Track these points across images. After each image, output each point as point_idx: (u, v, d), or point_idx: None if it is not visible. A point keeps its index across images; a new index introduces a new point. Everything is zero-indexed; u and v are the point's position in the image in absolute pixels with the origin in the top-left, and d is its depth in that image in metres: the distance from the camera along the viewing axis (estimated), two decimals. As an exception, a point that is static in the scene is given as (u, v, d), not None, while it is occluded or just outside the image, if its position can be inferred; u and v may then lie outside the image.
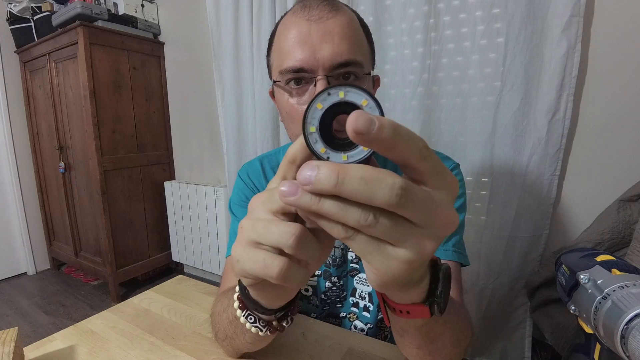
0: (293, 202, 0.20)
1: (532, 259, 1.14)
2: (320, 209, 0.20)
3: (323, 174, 0.19)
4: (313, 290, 0.68)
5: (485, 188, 1.17)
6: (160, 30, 2.12)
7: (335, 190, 0.19)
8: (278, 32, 0.52)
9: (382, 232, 0.20)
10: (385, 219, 0.19)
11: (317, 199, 0.20)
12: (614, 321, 0.29)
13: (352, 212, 0.19)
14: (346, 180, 0.18)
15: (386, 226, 0.19)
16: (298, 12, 0.48)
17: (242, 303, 0.36)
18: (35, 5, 2.00)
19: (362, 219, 0.19)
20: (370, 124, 0.17)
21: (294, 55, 0.47)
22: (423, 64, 1.19)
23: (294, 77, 0.48)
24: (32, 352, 0.51)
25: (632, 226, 0.87)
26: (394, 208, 0.19)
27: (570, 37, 0.96)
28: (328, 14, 0.47)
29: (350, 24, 0.48)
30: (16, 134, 2.26)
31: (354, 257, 0.65)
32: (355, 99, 0.20)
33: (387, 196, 0.18)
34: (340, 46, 0.46)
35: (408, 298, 0.27)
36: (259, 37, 1.55)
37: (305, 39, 0.46)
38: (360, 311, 0.67)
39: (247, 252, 0.25)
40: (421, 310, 0.28)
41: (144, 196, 2.11)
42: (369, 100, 0.20)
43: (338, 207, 0.19)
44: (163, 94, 2.18)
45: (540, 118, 1.04)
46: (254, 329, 0.36)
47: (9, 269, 2.31)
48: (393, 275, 0.21)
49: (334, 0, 0.49)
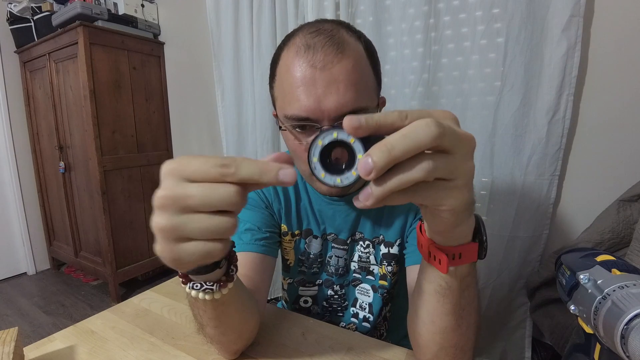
0: (371, 203, 0.24)
1: (532, 259, 1.14)
2: (389, 187, 0.24)
3: (376, 156, 0.22)
4: (313, 300, 0.68)
5: (485, 188, 1.17)
6: (160, 30, 2.12)
7: (391, 158, 0.22)
8: (281, 68, 0.50)
9: (440, 168, 0.24)
10: (436, 158, 0.23)
11: (381, 185, 0.24)
12: (614, 321, 0.29)
13: (414, 170, 0.23)
14: (394, 146, 0.22)
15: (439, 162, 0.23)
16: (302, 54, 0.46)
17: (183, 277, 0.36)
18: (35, 5, 2.00)
19: (425, 167, 0.23)
20: (358, 119, 0.23)
21: (299, 103, 0.46)
22: (423, 64, 1.19)
23: (299, 124, 0.48)
24: (32, 352, 0.51)
25: (632, 226, 0.87)
26: (436, 140, 0.22)
27: (570, 37, 0.96)
28: (334, 58, 0.45)
29: (356, 66, 0.46)
30: (16, 134, 2.26)
31: (357, 267, 0.65)
32: (344, 137, 0.26)
33: (429, 134, 0.22)
34: (346, 96, 0.45)
35: (461, 237, 0.33)
36: (259, 37, 1.55)
37: (309, 88, 0.45)
38: (359, 322, 0.67)
39: (182, 249, 0.27)
40: (471, 249, 0.33)
41: (144, 196, 2.11)
42: (355, 139, 0.26)
43: (400, 177, 0.23)
44: (163, 94, 2.18)
45: (540, 118, 1.04)
46: (207, 294, 0.36)
47: (9, 269, 2.31)
48: (462, 202, 0.26)
49: (339, 37, 0.47)
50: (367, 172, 0.23)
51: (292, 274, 0.68)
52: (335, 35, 0.47)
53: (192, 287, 0.36)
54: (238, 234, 0.60)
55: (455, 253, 0.33)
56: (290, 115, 0.48)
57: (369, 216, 0.62)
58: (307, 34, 0.48)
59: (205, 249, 0.26)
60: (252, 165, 0.25)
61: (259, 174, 0.25)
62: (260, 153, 1.65)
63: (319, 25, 0.49)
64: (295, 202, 0.64)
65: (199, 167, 0.25)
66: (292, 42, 0.49)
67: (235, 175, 0.25)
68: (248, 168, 0.25)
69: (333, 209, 0.62)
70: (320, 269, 0.66)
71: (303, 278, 0.67)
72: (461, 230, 0.32)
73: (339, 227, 0.63)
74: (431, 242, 0.34)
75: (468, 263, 0.35)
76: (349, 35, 0.49)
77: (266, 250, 0.59)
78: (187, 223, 0.26)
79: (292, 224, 0.64)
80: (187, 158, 0.26)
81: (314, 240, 0.65)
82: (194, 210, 0.26)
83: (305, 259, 0.66)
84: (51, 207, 2.33)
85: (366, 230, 0.62)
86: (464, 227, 0.32)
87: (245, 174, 0.25)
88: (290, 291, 0.69)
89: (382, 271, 0.62)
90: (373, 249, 0.63)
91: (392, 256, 0.61)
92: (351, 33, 0.50)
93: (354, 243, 0.64)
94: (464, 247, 0.33)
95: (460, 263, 0.34)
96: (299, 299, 0.69)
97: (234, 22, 1.62)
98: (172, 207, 0.26)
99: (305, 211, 0.64)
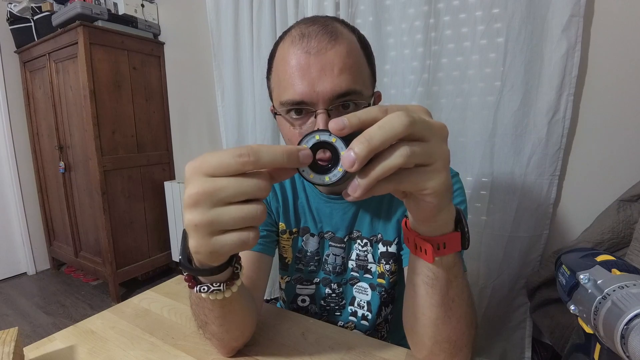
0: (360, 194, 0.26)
1: (532, 259, 1.14)
2: (374, 175, 0.26)
3: (357, 148, 0.24)
4: (310, 299, 0.68)
5: (485, 188, 1.17)
6: (160, 30, 2.12)
7: (370, 148, 0.24)
8: (277, 59, 0.51)
9: (417, 153, 0.26)
10: (412, 144, 0.26)
11: (366, 175, 0.26)
12: (614, 321, 0.29)
13: (394, 157, 0.25)
14: (372, 136, 0.25)
15: (416, 148, 0.26)
16: (297, 42, 0.47)
17: (190, 281, 0.37)
18: (35, 5, 2.00)
19: (403, 153, 0.25)
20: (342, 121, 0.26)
21: (293, 88, 0.47)
22: (423, 64, 1.19)
23: (294, 108, 0.48)
24: (32, 352, 0.51)
25: (632, 226, 0.87)
26: (411, 128, 0.25)
27: (570, 37, 0.96)
28: (327, 44, 0.46)
29: (350, 52, 0.47)
30: (16, 134, 2.26)
31: (354, 265, 0.65)
32: (326, 138, 0.28)
33: (400, 123, 0.25)
34: (339, 78, 0.46)
35: (443, 225, 0.35)
36: (259, 37, 1.55)
37: (304, 72, 0.46)
38: (358, 320, 0.67)
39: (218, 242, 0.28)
40: (454, 238, 0.35)
41: (144, 196, 2.11)
42: (336, 137, 0.28)
43: (382, 165, 0.25)
44: (163, 94, 2.18)
45: (540, 118, 1.04)
46: (214, 295, 0.37)
47: (9, 269, 2.31)
48: (442, 184, 0.28)
49: (333, 27, 0.48)
50: (351, 164, 0.25)
51: (289, 272, 0.68)
52: (329, 25, 0.48)
53: (200, 290, 0.36)
54: None
55: (440, 243, 0.35)
56: (285, 101, 0.48)
57: (366, 214, 0.62)
58: (302, 25, 0.49)
59: (240, 238, 0.28)
60: (273, 150, 0.27)
61: (286, 158, 0.27)
62: (260, 153, 1.65)
63: (314, 18, 0.51)
64: (293, 200, 0.65)
65: (220, 161, 0.27)
66: (288, 34, 0.50)
67: (256, 162, 0.26)
68: (269, 154, 0.26)
69: (330, 207, 0.63)
70: (317, 267, 0.66)
71: (300, 276, 0.67)
72: (443, 218, 0.34)
73: (337, 225, 0.63)
74: (416, 234, 0.36)
75: (453, 253, 0.37)
76: (342, 27, 0.50)
77: (263, 249, 0.60)
78: (221, 215, 0.27)
79: (289, 222, 0.65)
80: (207, 155, 0.28)
81: (311, 238, 0.65)
82: (226, 202, 0.27)
83: (302, 257, 0.66)
84: (51, 207, 2.33)
85: (364, 228, 0.63)
86: (445, 215, 0.34)
87: (267, 160, 0.27)
88: (287, 290, 0.69)
89: (380, 269, 0.63)
90: (371, 247, 0.63)
91: (391, 255, 0.61)
92: (344, 26, 0.51)
93: (352, 241, 0.64)
94: (447, 237, 0.35)
95: (445, 253, 0.36)
96: (297, 297, 0.69)
97: (234, 22, 1.62)
98: (205, 202, 0.27)
99: (303, 209, 0.65)
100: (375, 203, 0.61)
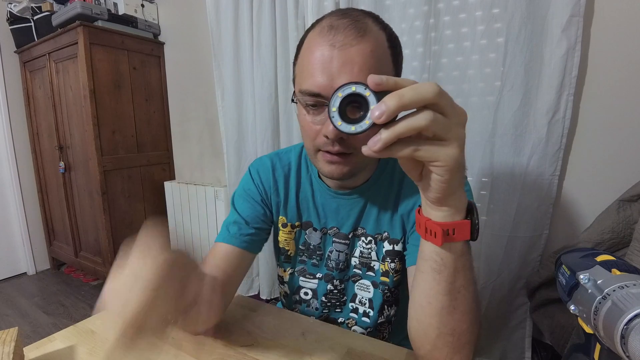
0: (379, 147, 0.30)
1: (532, 259, 1.14)
2: (397, 130, 0.29)
3: (389, 101, 0.28)
4: (313, 294, 0.68)
5: (485, 188, 1.17)
6: (160, 30, 2.12)
7: (401, 103, 0.28)
8: (304, 47, 0.52)
9: (438, 122, 0.29)
10: (436, 114, 0.29)
11: (391, 128, 0.29)
12: (614, 321, 0.29)
13: (418, 118, 0.29)
14: (404, 94, 0.28)
15: (438, 117, 0.29)
16: (324, 34, 0.47)
17: None
18: (35, 5, 2.00)
19: (427, 117, 0.29)
20: (380, 78, 0.30)
21: (313, 79, 0.47)
22: (423, 64, 1.19)
23: (311, 100, 0.49)
24: (32, 352, 0.51)
25: (632, 226, 0.87)
26: (438, 98, 0.29)
27: (570, 37, 0.96)
28: (352, 40, 0.45)
29: (374, 51, 0.47)
30: (16, 134, 2.26)
31: (357, 262, 0.65)
32: (362, 91, 0.31)
33: (431, 90, 0.29)
34: (359, 77, 0.45)
35: (454, 210, 0.37)
36: (259, 37, 1.55)
37: (326, 65, 0.46)
38: (359, 317, 0.67)
39: None
40: (464, 226, 0.37)
41: (144, 196, 2.11)
42: (370, 92, 0.30)
43: (407, 122, 0.29)
44: (163, 94, 2.18)
45: (540, 118, 1.04)
46: None
47: (9, 269, 2.31)
48: (455, 159, 0.31)
49: (363, 22, 0.47)
50: (380, 115, 0.28)
51: (293, 264, 0.68)
52: (360, 20, 0.48)
53: None
54: (226, 225, 0.62)
55: (450, 228, 0.37)
56: (304, 90, 0.49)
57: (373, 211, 0.62)
58: (333, 16, 0.49)
59: None
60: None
61: None
62: (260, 153, 1.65)
63: (348, 11, 0.50)
64: (296, 192, 0.65)
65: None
66: (319, 24, 0.50)
67: None
68: None
69: (337, 202, 0.63)
70: (320, 261, 0.66)
71: (304, 267, 0.68)
72: (454, 203, 0.36)
73: (342, 220, 0.63)
74: (427, 218, 0.38)
75: (461, 240, 0.38)
76: (374, 24, 0.49)
77: (248, 246, 0.60)
78: None
79: (291, 216, 0.65)
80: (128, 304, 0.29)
81: (313, 233, 0.65)
82: None
83: (305, 249, 0.67)
84: (51, 207, 2.33)
85: (369, 226, 0.63)
86: (456, 201, 0.36)
87: None
88: (291, 282, 0.70)
89: (384, 268, 0.63)
90: (375, 245, 0.63)
91: (397, 253, 0.61)
92: (377, 23, 0.51)
93: (356, 238, 0.64)
94: (457, 224, 0.37)
95: (454, 239, 0.37)
96: (300, 289, 0.69)
97: (234, 22, 1.62)
98: None
99: (306, 203, 0.65)
100: (382, 199, 0.61)
